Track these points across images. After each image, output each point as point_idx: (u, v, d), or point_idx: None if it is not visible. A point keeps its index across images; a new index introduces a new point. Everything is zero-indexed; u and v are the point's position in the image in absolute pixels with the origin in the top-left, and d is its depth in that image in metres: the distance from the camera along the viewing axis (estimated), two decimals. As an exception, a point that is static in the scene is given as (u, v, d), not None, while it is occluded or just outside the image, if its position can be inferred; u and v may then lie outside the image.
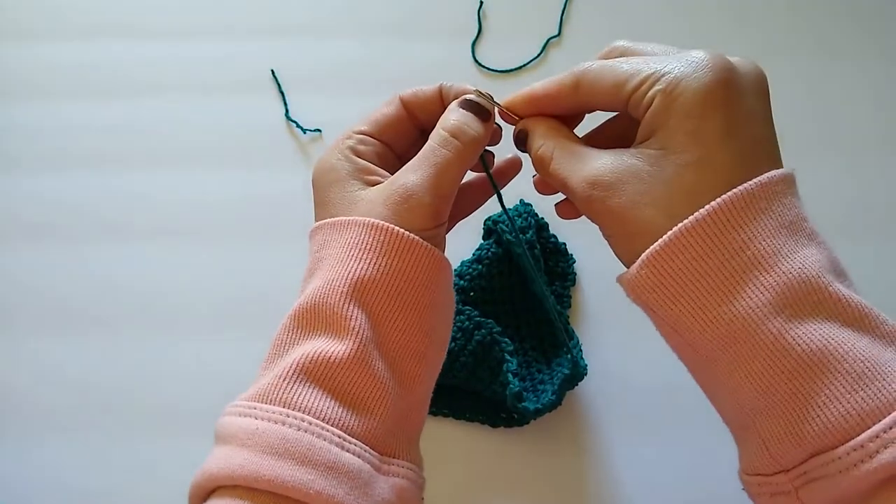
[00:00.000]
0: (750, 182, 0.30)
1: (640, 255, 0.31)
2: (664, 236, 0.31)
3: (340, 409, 0.32)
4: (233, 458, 0.30)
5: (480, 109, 0.37)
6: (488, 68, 0.61)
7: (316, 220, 0.37)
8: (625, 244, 0.33)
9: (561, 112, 0.36)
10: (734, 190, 0.30)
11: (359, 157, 0.37)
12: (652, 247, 0.31)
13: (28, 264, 0.56)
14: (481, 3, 0.63)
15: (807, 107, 0.59)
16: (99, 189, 0.58)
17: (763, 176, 0.31)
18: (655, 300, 0.32)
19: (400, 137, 0.39)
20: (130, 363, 0.53)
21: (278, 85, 0.61)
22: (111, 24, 0.64)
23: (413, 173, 0.35)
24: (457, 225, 0.41)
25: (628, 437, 0.50)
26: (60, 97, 0.61)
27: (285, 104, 0.61)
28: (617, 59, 0.34)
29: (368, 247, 0.34)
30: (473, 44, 0.62)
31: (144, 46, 0.63)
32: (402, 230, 0.34)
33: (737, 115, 0.31)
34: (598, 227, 0.34)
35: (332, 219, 0.36)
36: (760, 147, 0.32)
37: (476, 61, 0.62)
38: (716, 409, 0.34)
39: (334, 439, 0.31)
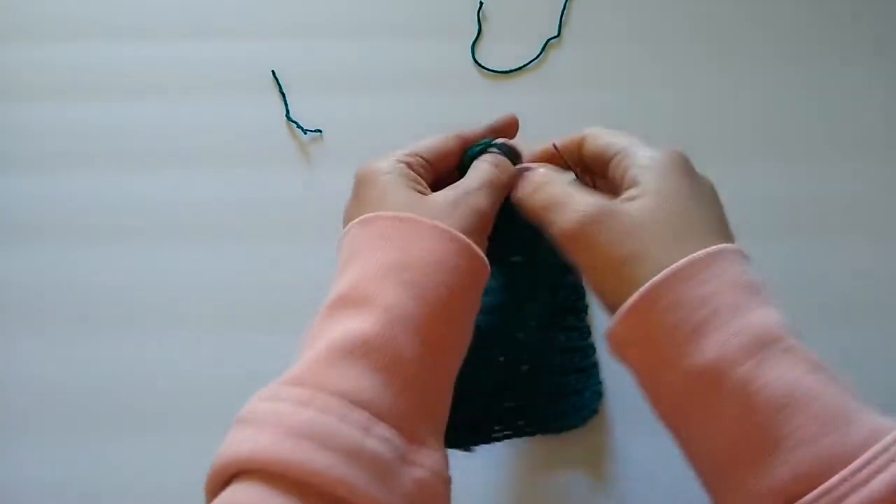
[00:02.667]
0: (716, 246, 0.33)
1: (619, 302, 0.34)
2: (635, 294, 0.33)
3: (372, 389, 0.32)
4: (255, 439, 0.30)
5: (513, 152, 0.42)
6: (488, 69, 0.61)
7: (355, 214, 0.38)
8: (613, 273, 0.35)
9: (567, 166, 0.41)
10: (705, 250, 0.33)
11: (415, 173, 0.40)
12: (625, 304, 0.33)
13: (26, 264, 0.56)
14: (481, 3, 0.63)
15: (811, 109, 0.59)
16: (98, 189, 0.58)
17: (722, 245, 0.34)
18: (633, 353, 0.34)
19: (446, 167, 0.42)
20: (129, 363, 0.53)
21: (279, 85, 0.61)
22: (111, 24, 0.64)
23: (471, 186, 0.39)
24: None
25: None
26: (60, 97, 0.61)
27: (286, 104, 0.61)
28: (611, 132, 0.40)
29: (416, 240, 0.35)
30: (473, 44, 0.62)
31: (144, 46, 0.63)
32: (458, 232, 0.36)
33: (700, 188, 0.37)
34: (582, 255, 0.37)
35: (382, 212, 0.37)
36: (720, 221, 0.36)
37: (476, 62, 0.62)
38: (692, 467, 0.34)
39: (361, 421, 0.31)
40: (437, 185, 0.40)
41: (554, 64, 0.61)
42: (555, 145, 0.41)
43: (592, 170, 0.41)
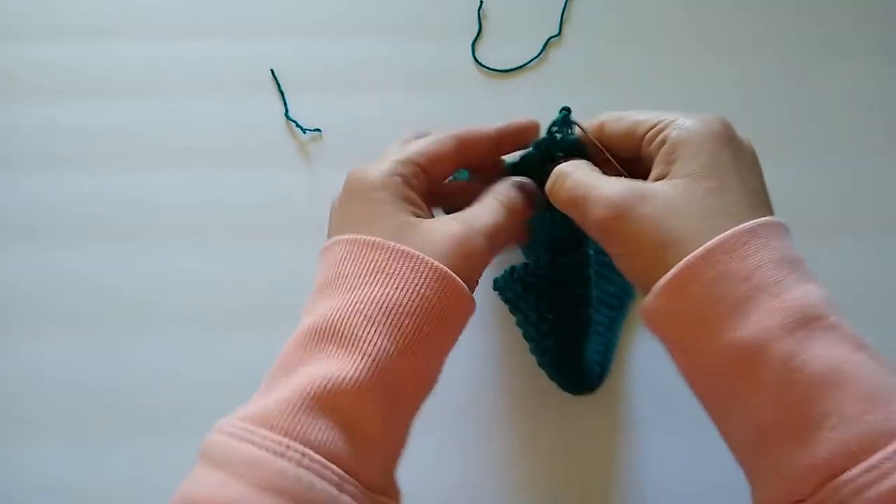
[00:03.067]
0: (760, 218, 0.33)
1: (666, 267, 0.33)
2: (674, 267, 0.32)
3: (343, 444, 0.31)
4: (226, 488, 0.29)
5: (532, 195, 0.41)
6: (488, 68, 0.61)
7: (344, 225, 0.37)
8: (648, 258, 0.34)
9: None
10: (746, 223, 0.32)
11: (409, 187, 0.38)
12: (666, 275, 0.32)
13: (26, 264, 0.56)
14: (481, 2, 0.63)
15: (813, 107, 0.59)
16: (98, 189, 0.58)
17: (766, 217, 0.33)
18: (671, 329, 0.33)
19: (442, 174, 0.41)
20: (129, 363, 0.53)
21: (278, 85, 0.61)
22: (109, 24, 0.63)
23: (476, 225, 0.37)
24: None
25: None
26: (59, 97, 0.61)
27: (285, 104, 0.61)
28: (627, 112, 0.39)
29: (410, 279, 0.34)
30: (473, 43, 0.62)
31: (143, 46, 0.63)
32: (453, 274, 0.34)
33: (740, 157, 0.35)
34: (614, 244, 0.36)
35: (377, 239, 0.35)
36: (760, 193, 0.35)
37: (476, 61, 0.62)
38: (727, 443, 0.34)
39: (333, 479, 0.30)
40: (429, 190, 0.39)
41: (554, 63, 0.61)
42: (594, 141, 0.40)
43: (619, 154, 0.39)
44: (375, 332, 0.32)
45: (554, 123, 0.41)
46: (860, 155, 0.58)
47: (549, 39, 0.62)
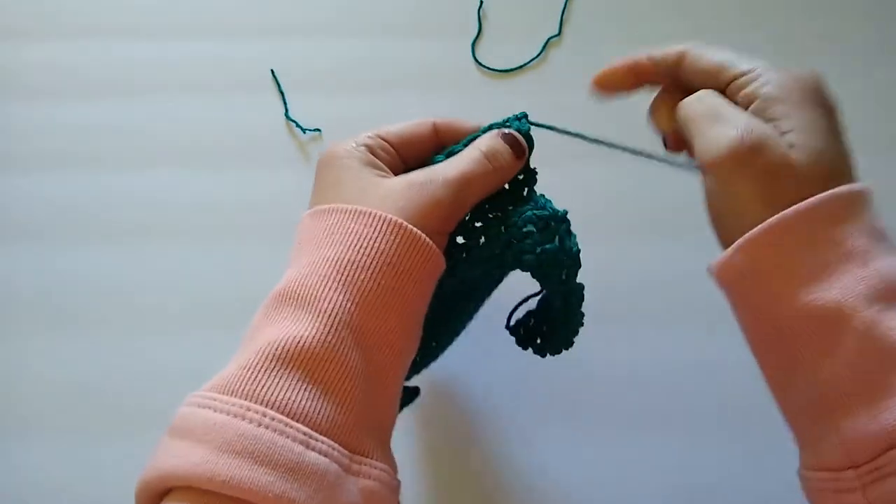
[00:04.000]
0: (853, 185, 0.32)
1: (740, 232, 0.32)
2: (764, 223, 0.32)
3: (308, 402, 0.30)
4: (188, 455, 0.28)
5: (517, 145, 0.38)
6: (488, 68, 0.61)
7: (314, 200, 0.37)
8: (750, 207, 0.33)
9: (657, 81, 0.39)
10: (836, 189, 0.32)
11: (374, 155, 0.37)
12: (749, 233, 0.32)
13: (24, 264, 0.56)
14: (481, 2, 0.63)
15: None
16: (97, 189, 0.58)
17: (856, 184, 0.32)
18: (748, 285, 0.33)
19: (417, 157, 0.39)
20: (128, 363, 0.53)
21: (278, 85, 0.61)
22: (109, 23, 0.64)
23: (440, 174, 0.36)
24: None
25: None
26: (59, 97, 0.61)
27: (285, 104, 0.61)
28: (718, 47, 0.37)
29: (364, 235, 0.33)
30: (473, 43, 0.62)
31: (143, 46, 0.63)
32: (408, 225, 0.34)
33: (833, 117, 0.34)
34: (722, 182, 0.34)
35: (333, 205, 0.35)
36: (849, 156, 0.34)
37: (476, 61, 0.62)
38: (781, 404, 0.34)
39: (298, 436, 0.29)
40: (404, 169, 0.38)
41: (554, 63, 0.61)
42: (650, 57, 0.38)
43: (692, 87, 0.37)
44: (331, 289, 0.32)
45: (507, 120, 0.40)
46: (861, 155, 0.58)
47: (549, 39, 0.62)
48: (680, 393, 0.50)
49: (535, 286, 0.47)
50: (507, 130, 0.38)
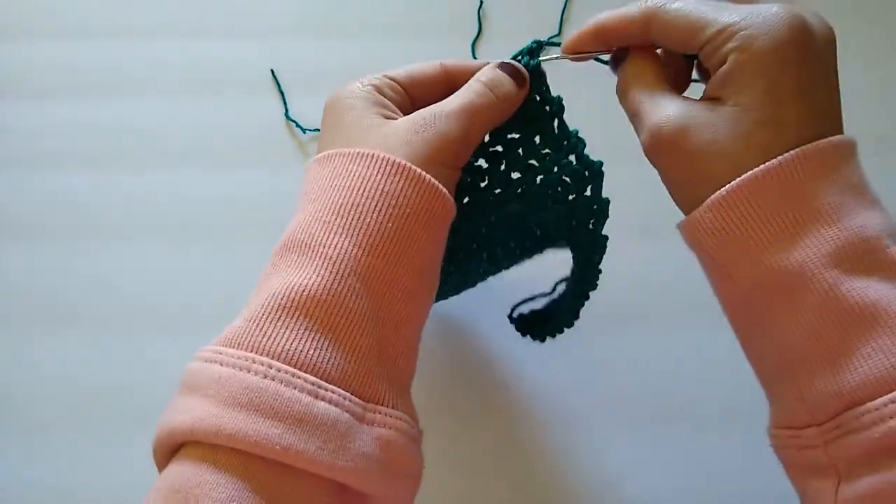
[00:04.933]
0: (822, 140, 0.31)
1: (697, 202, 0.32)
2: (732, 182, 0.31)
3: (316, 351, 0.29)
4: (195, 410, 0.28)
5: (517, 74, 0.37)
6: (488, 68, 0.61)
7: (321, 145, 0.36)
8: (687, 191, 0.33)
9: (630, 43, 0.36)
10: (806, 146, 0.30)
11: (381, 94, 0.37)
12: (719, 191, 0.31)
13: (26, 264, 0.56)
14: (481, 2, 0.63)
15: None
16: (98, 189, 0.58)
17: (833, 137, 0.31)
18: (715, 244, 0.32)
19: (426, 97, 0.38)
20: (129, 363, 0.53)
21: (278, 85, 0.61)
22: (110, 23, 0.64)
23: (443, 109, 0.35)
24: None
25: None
26: (59, 97, 0.61)
27: (285, 104, 0.61)
28: (688, 2, 0.34)
29: (368, 177, 0.32)
30: (473, 43, 0.62)
31: (144, 46, 0.63)
32: (412, 166, 0.32)
33: (808, 76, 0.31)
34: (658, 169, 0.35)
35: (336, 150, 0.34)
36: (827, 110, 0.32)
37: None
38: (752, 362, 0.34)
39: (306, 387, 0.29)
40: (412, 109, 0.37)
41: (554, 62, 0.61)
42: (614, 21, 0.35)
43: (676, 51, 0.35)
44: (335, 234, 0.31)
45: (519, 52, 0.39)
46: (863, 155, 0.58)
47: (549, 39, 0.62)
48: (680, 393, 0.50)
49: (542, 285, 0.47)
50: (506, 61, 0.38)
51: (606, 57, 0.38)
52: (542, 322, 0.47)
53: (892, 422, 0.27)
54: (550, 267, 0.47)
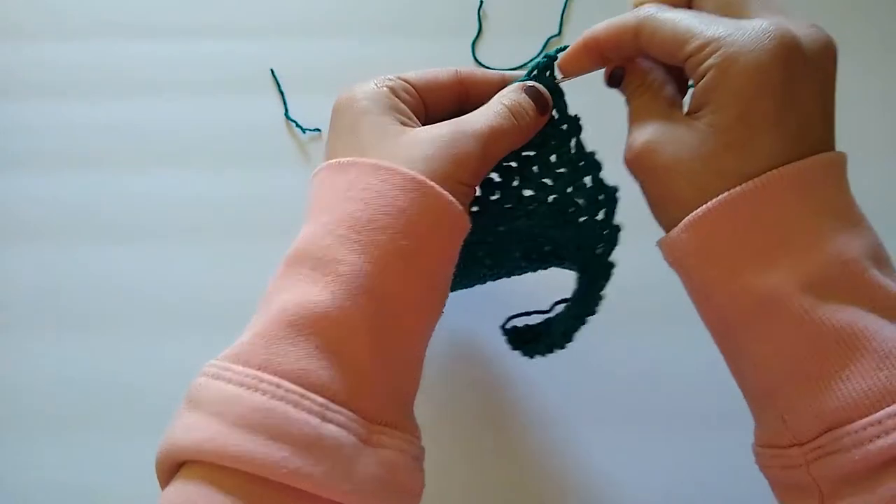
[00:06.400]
0: (797, 163, 0.30)
1: (676, 221, 0.32)
2: (704, 205, 0.31)
3: (325, 371, 0.29)
4: (200, 428, 0.28)
5: (541, 100, 0.36)
6: (488, 67, 0.61)
7: (333, 148, 0.35)
8: (661, 209, 0.34)
9: (621, 58, 0.35)
10: (776, 170, 0.30)
11: (398, 98, 0.36)
12: (693, 213, 0.31)
13: (27, 264, 0.56)
14: (481, 2, 0.63)
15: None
16: (99, 189, 0.58)
17: (808, 159, 0.30)
18: (692, 264, 0.32)
19: (439, 103, 0.38)
20: (130, 363, 0.53)
21: (278, 84, 0.61)
22: (110, 23, 0.64)
23: (468, 127, 0.34)
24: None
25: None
26: (59, 97, 0.61)
27: (285, 104, 0.61)
28: (680, 11, 0.33)
29: (384, 192, 0.31)
30: (473, 43, 0.62)
31: (144, 46, 0.63)
32: (432, 183, 0.32)
33: (790, 99, 0.30)
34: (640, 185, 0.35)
35: (353, 159, 0.33)
36: (810, 130, 0.31)
37: (476, 60, 0.62)
38: (736, 380, 0.34)
39: (314, 408, 0.28)
40: (427, 123, 0.36)
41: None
42: (605, 36, 0.34)
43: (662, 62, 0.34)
44: (348, 250, 0.30)
45: (534, 66, 0.38)
46: (868, 155, 0.58)
47: (549, 39, 0.62)
48: (680, 392, 0.50)
49: (543, 300, 0.47)
50: (530, 83, 0.36)
51: None
52: (535, 339, 0.46)
53: (871, 445, 0.27)
54: (555, 284, 0.47)
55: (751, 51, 0.30)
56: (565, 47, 0.37)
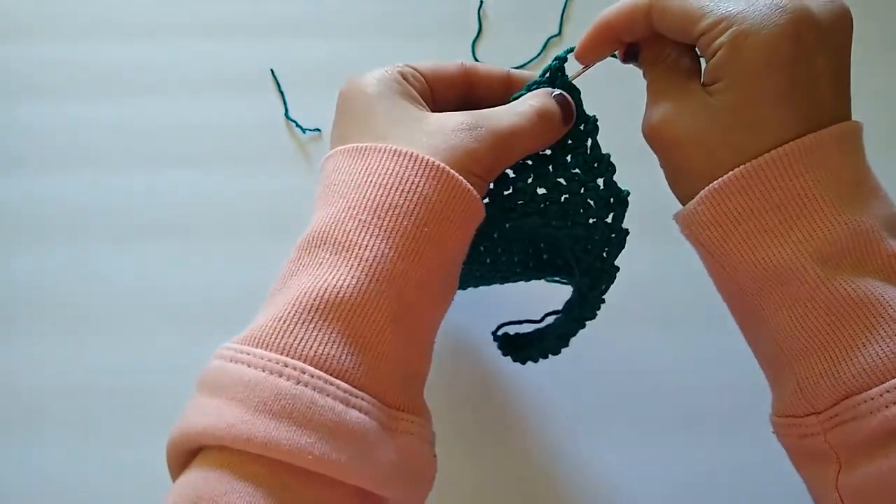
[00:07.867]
0: (806, 137, 0.30)
1: (692, 194, 0.32)
2: (724, 176, 0.31)
3: (347, 356, 0.29)
4: (222, 414, 0.27)
5: (568, 109, 0.37)
6: (488, 68, 0.61)
7: (342, 133, 0.35)
8: (678, 182, 0.34)
9: (635, 39, 0.35)
10: (787, 145, 0.30)
11: (409, 84, 0.36)
12: (711, 185, 0.31)
13: (27, 264, 0.56)
14: (481, 2, 0.63)
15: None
16: (99, 189, 0.58)
17: (819, 133, 0.30)
18: (709, 237, 0.32)
19: (445, 94, 0.38)
20: (130, 363, 0.53)
21: (278, 84, 0.61)
22: (110, 23, 0.64)
23: (491, 123, 0.34)
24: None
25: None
26: (60, 97, 0.61)
27: (285, 104, 0.61)
28: None
29: (406, 178, 0.31)
30: (474, 43, 0.62)
31: (143, 46, 0.63)
32: (453, 171, 0.32)
33: (802, 75, 0.30)
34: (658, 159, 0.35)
35: (370, 144, 0.33)
36: (824, 103, 0.31)
37: (476, 60, 0.61)
38: (753, 351, 0.34)
39: (339, 394, 0.28)
40: (435, 111, 0.36)
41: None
42: (618, 19, 0.34)
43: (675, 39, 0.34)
44: (371, 235, 0.30)
45: (547, 69, 0.38)
46: (869, 155, 0.58)
47: (549, 39, 0.62)
48: (681, 393, 0.50)
49: (534, 311, 0.47)
50: (558, 91, 0.37)
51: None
52: (527, 345, 0.46)
53: (888, 411, 0.28)
54: (545, 294, 0.47)
55: (762, 27, 0.30)
56: (572, 49, 0.38)
